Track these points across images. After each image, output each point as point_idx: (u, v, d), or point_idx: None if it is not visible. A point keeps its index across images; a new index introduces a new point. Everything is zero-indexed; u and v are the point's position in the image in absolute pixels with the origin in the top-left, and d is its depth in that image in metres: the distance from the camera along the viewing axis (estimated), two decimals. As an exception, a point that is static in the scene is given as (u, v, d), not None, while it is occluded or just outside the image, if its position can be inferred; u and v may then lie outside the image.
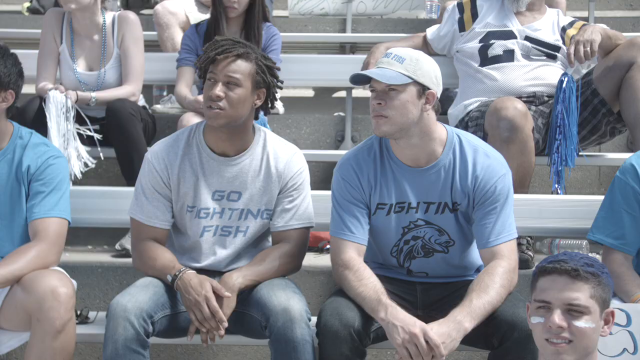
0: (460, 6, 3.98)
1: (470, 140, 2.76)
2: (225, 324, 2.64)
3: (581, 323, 2.11)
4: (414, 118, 2.64)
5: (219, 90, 2.72)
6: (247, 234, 2.87)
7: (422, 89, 2.64)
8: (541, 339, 2.15)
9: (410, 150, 2.70)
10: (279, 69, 2.89)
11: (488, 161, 2.72)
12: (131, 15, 3.96)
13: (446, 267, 2.81)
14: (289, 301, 2.62)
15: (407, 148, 2.70)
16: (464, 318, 2.50)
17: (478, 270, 2.83)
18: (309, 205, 2.90)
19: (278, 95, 2.93)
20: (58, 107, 3.64)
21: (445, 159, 2.71)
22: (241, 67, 2.74)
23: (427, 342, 2.44)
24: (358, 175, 2.74)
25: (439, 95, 2.70)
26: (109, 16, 3.92)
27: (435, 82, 2.68)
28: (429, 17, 5.49)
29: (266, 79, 2.80)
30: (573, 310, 2.12)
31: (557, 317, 2.11)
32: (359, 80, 2.69)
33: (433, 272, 2.81)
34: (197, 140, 2.84)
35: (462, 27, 3.93)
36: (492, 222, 2.67)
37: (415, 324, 2.48)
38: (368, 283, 2.61)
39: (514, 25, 3.84)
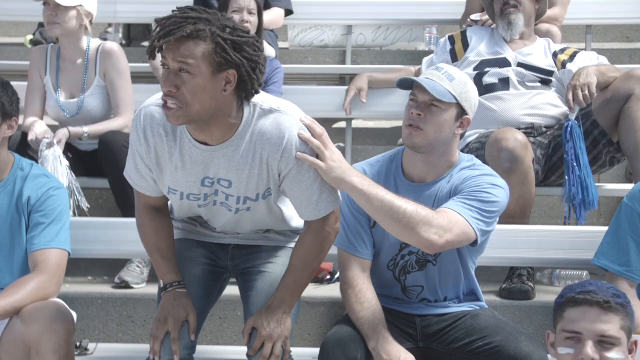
0: (451, 38, 4.07)
1: (482, 165, 2.76)
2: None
3: (612, 354, 2.11)
4: (445, 138, 2.65)
5: (169, 83, 2.31)
6: (252, 211, 2.60)
7: (461, 113, 2.66)
8: None
9: (424, 166, 2.71)
10: (253, 40, 2.37)
11: (492, 178, 2.67)
12: (115, 47, 3.97)
13: (440, 281, 2.77)
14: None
15: (422, 163, 2.70)
16: None
17: (476, 297, 2.83)
18: (324, 184, 2.51)
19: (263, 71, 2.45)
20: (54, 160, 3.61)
21: (450, 175, 2.70)
22: (191, 50, 2.27)
23: None
24: None
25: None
26: (94, 42, 3.97)
27: (473, 109, 2.70)
28: (428, 48, 5.53)
29: (230, 58, 2.30)
30: (604, 342, 2.11)
31: (590, 349, 2.10)
32: (405, 85, 2.70)
33: (428, 285, 2.77)
34: (180, 127, 2.47)
35: (454, 57, 3.98)
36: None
37: (399, 358, 2.49)
38: (368, 307, 2.62)
39: (506, 52, 3.90)
